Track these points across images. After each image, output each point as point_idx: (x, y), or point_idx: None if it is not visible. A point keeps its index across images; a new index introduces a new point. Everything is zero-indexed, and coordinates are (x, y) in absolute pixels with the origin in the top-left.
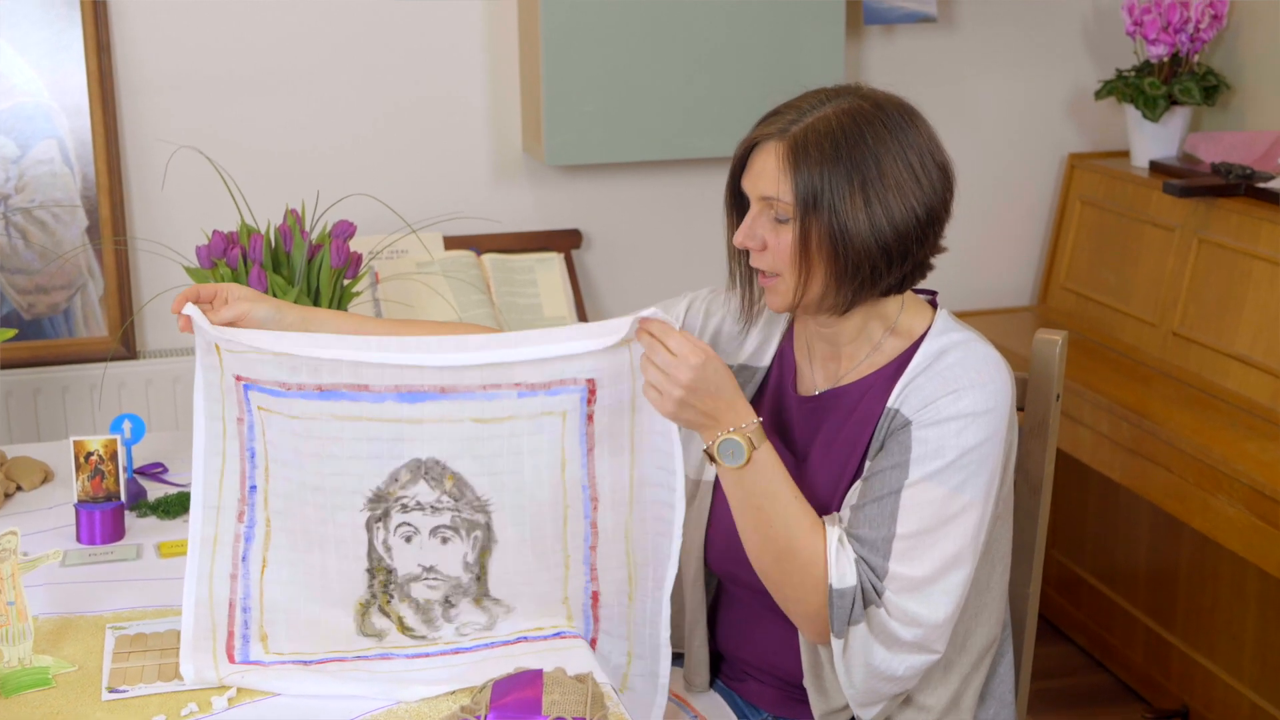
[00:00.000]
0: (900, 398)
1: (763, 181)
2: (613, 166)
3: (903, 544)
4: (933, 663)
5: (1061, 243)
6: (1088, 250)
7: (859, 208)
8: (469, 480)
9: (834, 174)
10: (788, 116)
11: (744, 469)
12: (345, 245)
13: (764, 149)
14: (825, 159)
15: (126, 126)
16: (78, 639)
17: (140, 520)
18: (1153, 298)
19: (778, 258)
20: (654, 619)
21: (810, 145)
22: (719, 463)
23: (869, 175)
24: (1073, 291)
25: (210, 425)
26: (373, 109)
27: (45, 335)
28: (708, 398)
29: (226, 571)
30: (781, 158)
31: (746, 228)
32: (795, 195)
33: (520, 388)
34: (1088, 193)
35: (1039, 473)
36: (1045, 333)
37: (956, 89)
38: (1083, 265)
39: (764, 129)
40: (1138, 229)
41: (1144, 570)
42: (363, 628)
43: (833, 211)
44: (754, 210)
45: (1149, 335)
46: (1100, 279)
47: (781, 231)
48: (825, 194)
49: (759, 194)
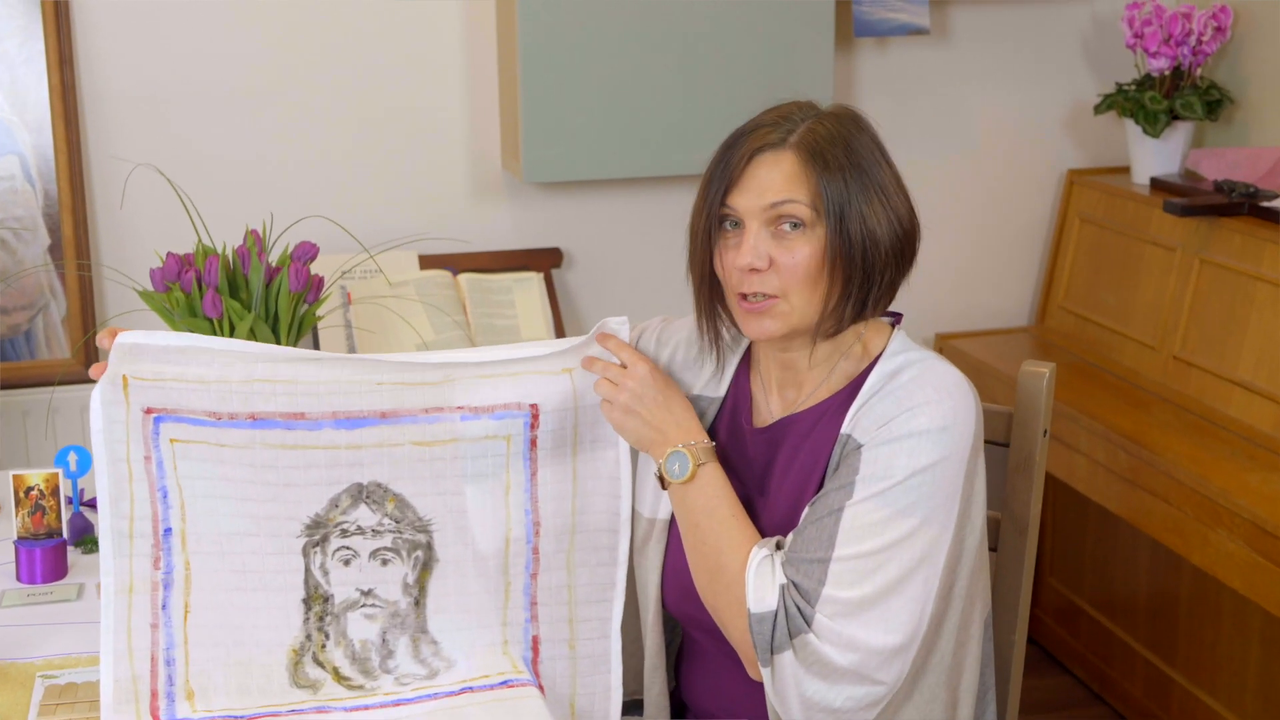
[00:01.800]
0: (853, 422)
1: (772, 190)
2: (595, 183)
3: (840, 566)
4: (878, 698)
5: (1060, 262)
6: (1086, 270)
7: (878, 212)
8: (411, 500)
9: (853, 178)
10: (781, 128)
11: (688, 484)
12: (305, 268)
13: (766, 159)
14: (842, 164)
15: (91, 142)
16: (5, 689)
17: (85, 556)
18: (1153, 320)
19: (786, 275)
20: (602, 662)
21: (825, 150)
22: (666, 479)
23: (874, 179)
24: (1071, 312)
25: (114, 468)
26: (346, 124)
27: (6, 357)
28: (656, 408)
29: (146, 621)
30: (797, 165)
31: (751, 247)
32: (822, 202)
33: (463, 410)
34: (1087, 210)
35: (1025, 512)
36: (1032, 364)
37: (951, 103)
38: (1081, 285)
39: (755, 141)
40: (1138, 248)
41: (1144, 601)
42: (296, 678)
43: (861, 218)
44: (753, 228)
45: (1149, 359)
46: (1099, 300)
47: (793, 244)
48: (852, 199)
49: (768, 202)
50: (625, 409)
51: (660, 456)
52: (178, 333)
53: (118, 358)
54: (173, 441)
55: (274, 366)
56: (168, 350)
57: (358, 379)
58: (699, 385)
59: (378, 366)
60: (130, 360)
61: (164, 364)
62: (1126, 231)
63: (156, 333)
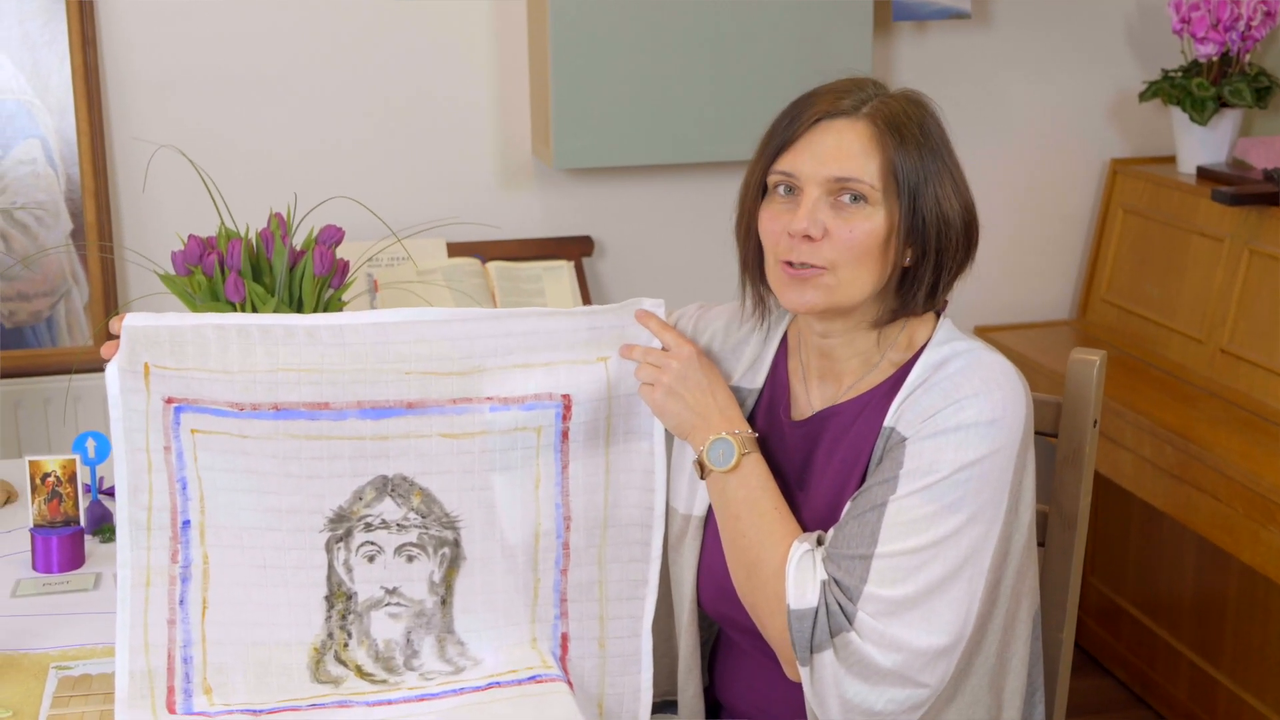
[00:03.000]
0: (897, 415)
1: (835, 162)
2: (626, 170)
3: (883, 563)
4: (921, 701)
5: (1102, 253)
6: (1130, 261)
7: (950, 194)
8: (438, 496)
9: (930, 157)
10: (853, 96)
11: (730, 473)
12: (330, 252)
13: (834, 126)
14: (919, 142)
15: (114, 126)
16: (18, 680)
17: (103, 546)
18: (1199, 312)
19: (839, 248)
20: (633, 662)
21: (901, 126)
22: (707, 466)
23: (946, 161)
24: (1114, 305)
25: (133, 458)
26: (374, 109)
27: (27, 344)
28: (700, 392)
29: (163, 617)
30: (868, 136)
31: (808, 213)
32: (896, 178)
33: (493, 402)
34: (1131, 200)
35: (1073, 506)
36: (1081, 352)
37: (992, 90)
38: (1125, 277)
39: (825, 105)
40: (1184, 239)
41: (1189, 601)
42: (317, 674)
43: (935, 198)
44: (812, 194)
45: (1195, 352)
46: (1143, 292)
47: (852, 217)
48: (929, 178)
49: (830, 174)
50: (668, 390)
51: (702, 443)
52: (183, 313)
53: (130, 341)
54: (193, 432)
55: (298, 352)
56: (179, 331)
57: (385, 367)
58: (736, 375)
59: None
60: (148, 346)
61: (186, 352)
62: (1172, 222)
63: (165, 314)
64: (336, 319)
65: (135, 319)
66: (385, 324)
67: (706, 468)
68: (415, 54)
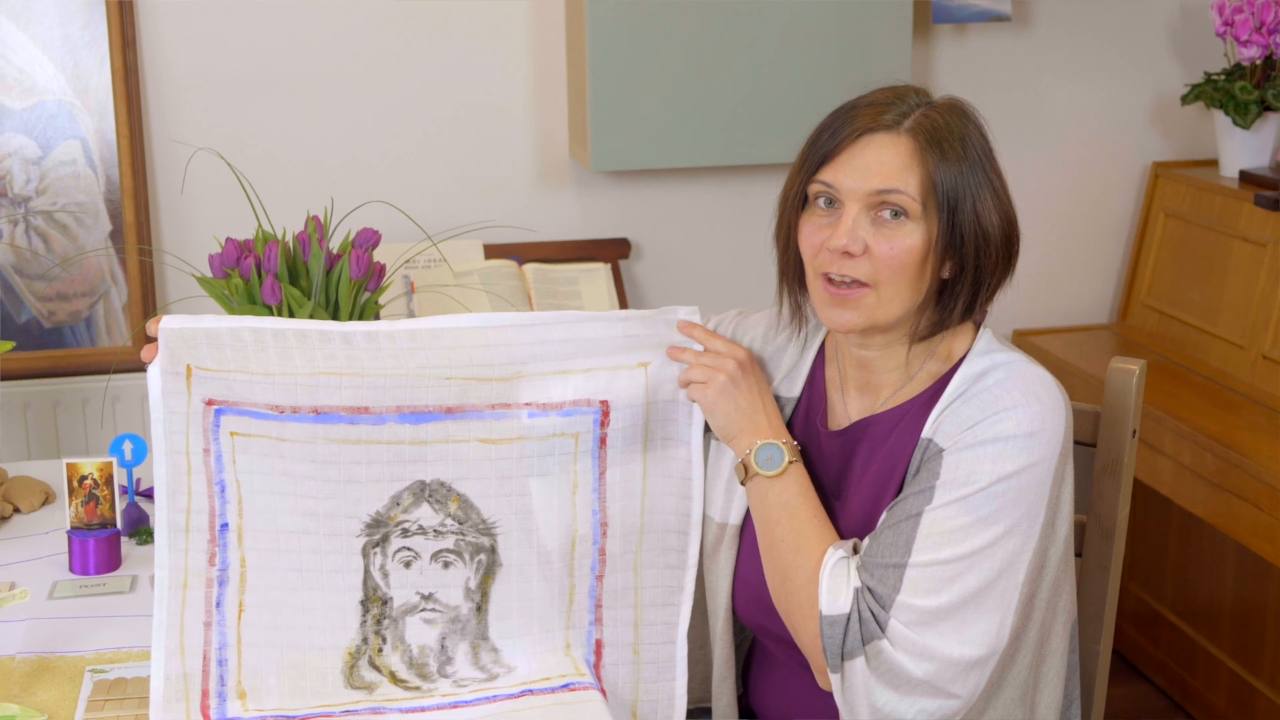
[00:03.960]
0: (935, 425)
1: (878, 176)
2: (664, 173)
3: (916, 573)
4: (952, 712)
5: (1143, 257)
6: (1171, 266)
7: (991, 209)
8: (475, 502)
9: (970, 171)
10: (896, 109)
11: (776, 479)
12: (367, 256)
13: (875, 141)
14: (959, 155)
15: (153, 127)
16: (54, 683)
17: (140, 548)
18: (1241, 318)
19: (883, 265)
20: (667, 669)
21: (943, 140)
22: (753, 470)
23: (988, 173)
24: (1155, 310)
25: (172, 460)
26: (411, 111)
27: (66, 344)
28: (750, 395)
29: (199, 619)
30: (909, 152)
31: (848, 229)
32: (937, 193)
33: (531, 408)
34: (1172, 204)
35: (1112, 516)
36: (1121, 361)
37: (1032, 93)
38: (1166, 282)
39: (867, 120)
40: (1226, 243)
41: (1229, 608)
42: (350, 680)
43: (974, 213)
44: (852, 210)
45: (1237, 358)
46: (1185, 297)
47: (892, 233)
48: (968, 193)
49: (872, 188)
50: (722, 390)
51: (748, 447)
52: (220, 316)
53: (169, 344)
54: (233, 435)
55: (338, 358)
56: (216, 334)
57: (425, 371)
58: (774, 382)
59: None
60: (189, 348)
61: (226, 354)
62: (1214, 226)
63: (202, 317)
64: (373, 326)
65: (172, 321)
66: (421, 331)
67: (751, 471)
68: (453, 57)
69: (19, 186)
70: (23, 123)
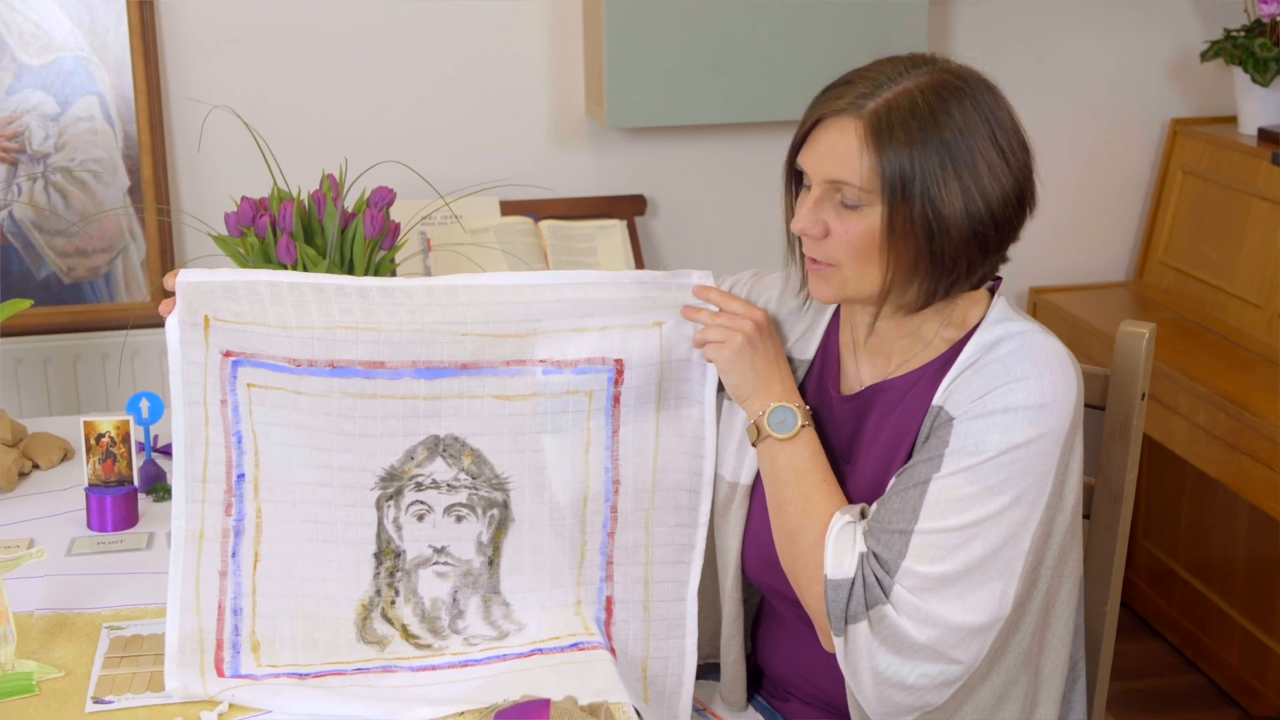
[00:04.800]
0: (946, 393)
1: (830, 163)
2: (680, 129)
3: (922, 539)
4: (954, 677)
5: (1161, 215)
6: (1189, 224)
7: (954, 193)
8: (489, 457)
9: (924, 155)
10: (860, 88)
11: (787, 442)
12: (381, 215)
13: (832, 125)
14: (913, 139)
15: (170, 84)
16: (71, 639)
17: (157, 505)
18: (1258, 277)
19: (839, 247)
20: (677, 626)
21: (895, 123)
22: (765, 432)
23: (961, 156)
24: (1172, 268)
25: (190, 411)
26: (427, 68)
27: (85, 300)
28: (766, 357)
29: (215, 569)
30: (859, 137)
31: (807, 212)
32: (881, 180)
33: (546, 365)
34: (1190, 162)
35: (1120, 479)
36: (1131, 324)
37: (1049, 50)
38: (1183, 239)
39: (832, 103)
40: (1243, 202)
41: (1241, 566)
42: (363, 633)
43: (926, 198)
44: (816, 193)
45: (1253, 317)
46: (1202, 255)
47: (848, 219)
48: (917, 178)
49: (825, 176)
50: (738, 350)
51: (761, 409)
52: (237, 269)
53: (187, 296)
54: (249, 386)
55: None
56: (233, 287)
57: (441, 327)
58: (789, 343)
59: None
60: (206, 300)
61: (243, 307)
62: (1232, 184)
63: (218, 270)
64: (388, 282)
65: (189, 274)
66: (437, 287)
67: (763, 433)
68: (469, 14)
69: (38, 143)
70: (41, 79)
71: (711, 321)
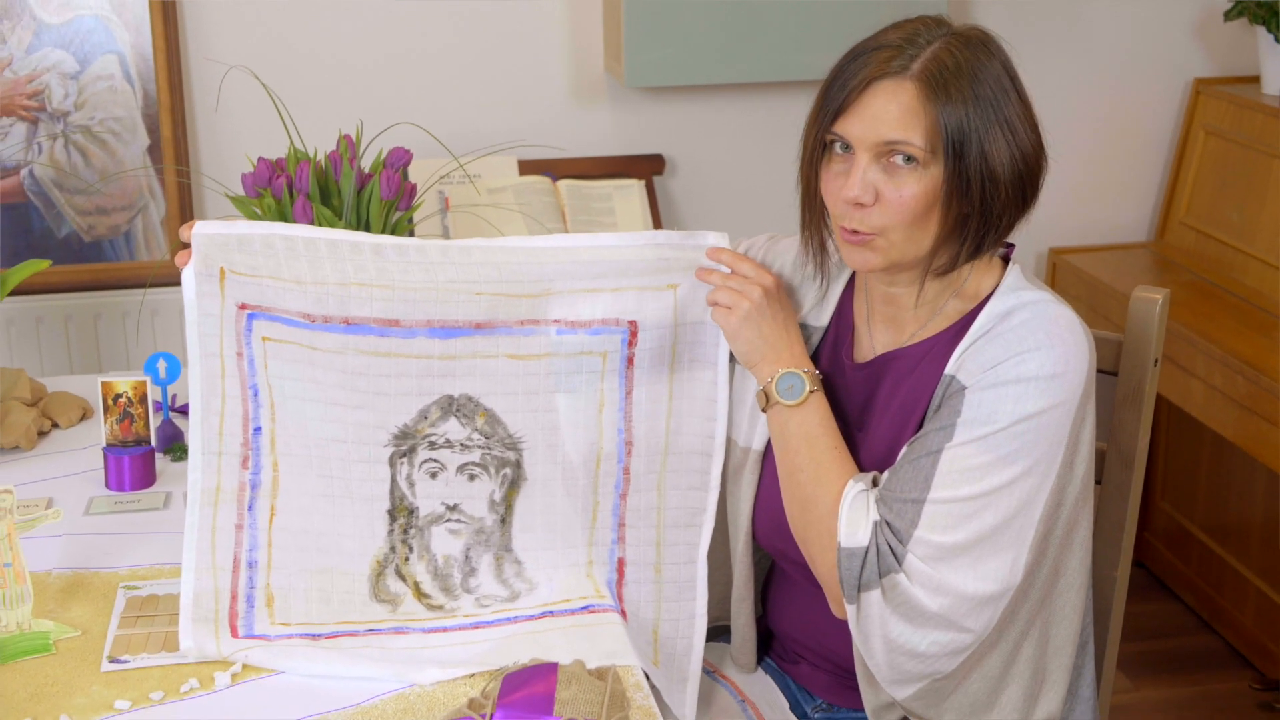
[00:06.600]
0: (958, 363)
1: (885, 125)
2: (699, 89)
3: (934, 509)
4: (964, 645)
5: (1182, 176)
6: (1210, 184)
7: (1001, 148)
8: (502, 417)
9: (976, 111)
10: (892, 53)
11: (796, 408)
12: (397, 176)
13: (882, 88)
14: (965, 95)
15: (190, 42)
16: (88, 599)
17: (174, 465)
18: (1279, 238)
19: (891, 212)
20: (688, 588)
21: (949, 82)
22: (774, 398)
23: (1001, 111)
24: (1192, 229)
25: (206, 363)
26: (445, 27)
27: (105, 258)
28: (775, 323)
29: (231, 523)
30: (916, 97)
31: (859, 179)
32: (944, 136)
33: (560, 324)
34: (1213, 122)
35: (1132, 445)
36: (1145, 290)
37: (1072, 8)
38: (1205, 200)
39: (874, 68)
40: (1265, 163)
41: (1258, 528)
42: (376, 590)
43: (980, 153)
44: (862, 160)
45: (1273, 279)
46: (1223, 216)
47: (903, 181)
48: (972, 133)
49: (879, 138)
50: (746, 316)
51: (770, 375)
52: (253, 222)
53: (201, 248)
54: (265, 340)
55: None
56: (248, 240)
57: (456, 286)
58: (802, 311)
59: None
60: (223, 252)
61: (258, 260)
62: (1254, 145)
63: (235, 223)
64: (403, 240)
65: (205, 227)
66: (451, 246)
67: (771, 399)
68: None
69: (57, 101)
70: (60, 37)
71: (721, 284)
